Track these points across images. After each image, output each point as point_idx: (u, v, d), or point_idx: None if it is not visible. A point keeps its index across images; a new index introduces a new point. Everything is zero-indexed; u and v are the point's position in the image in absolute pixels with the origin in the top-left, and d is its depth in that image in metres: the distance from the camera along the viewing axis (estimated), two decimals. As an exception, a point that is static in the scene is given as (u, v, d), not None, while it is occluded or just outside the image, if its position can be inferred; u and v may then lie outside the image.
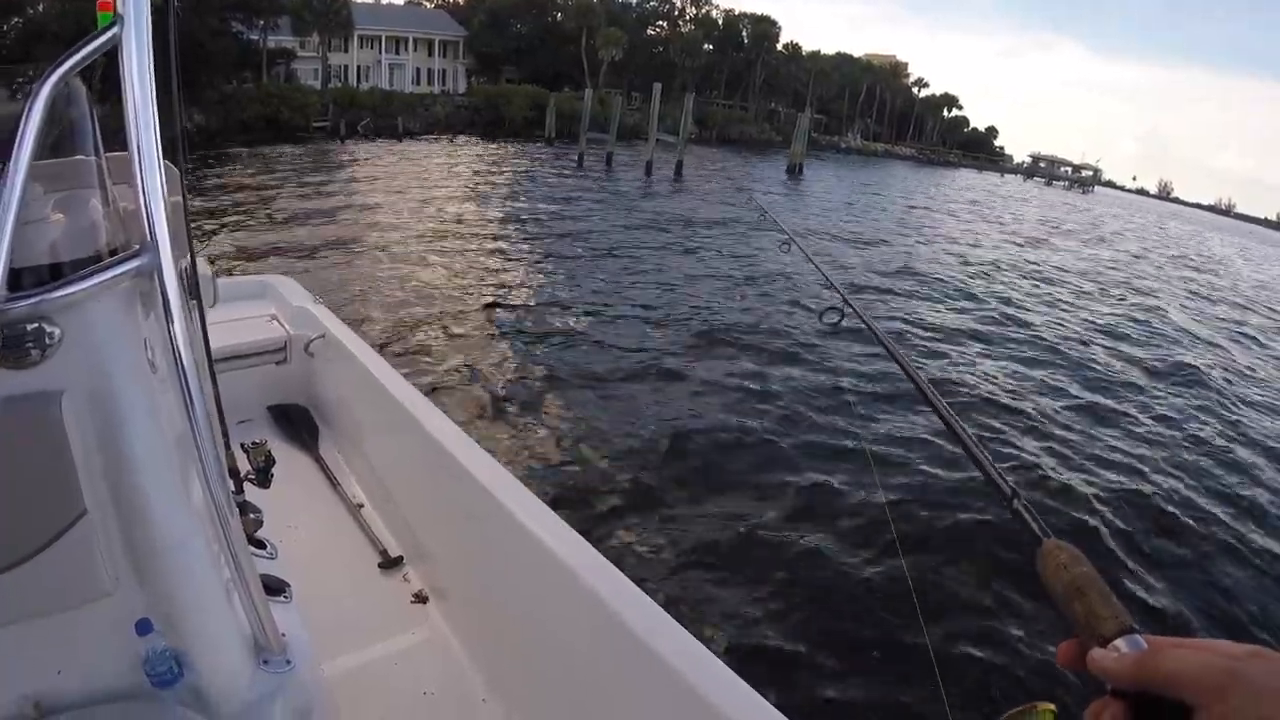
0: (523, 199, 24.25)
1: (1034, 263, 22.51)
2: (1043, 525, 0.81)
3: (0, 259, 1.21)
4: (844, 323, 1.90)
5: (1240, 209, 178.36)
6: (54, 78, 1.26)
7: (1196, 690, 0.58)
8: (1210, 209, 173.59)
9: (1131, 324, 15.47)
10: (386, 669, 2.43)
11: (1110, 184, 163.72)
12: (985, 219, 35.71)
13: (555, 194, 26.17)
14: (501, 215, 20.54)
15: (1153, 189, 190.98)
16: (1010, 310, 14.84)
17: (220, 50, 42.67)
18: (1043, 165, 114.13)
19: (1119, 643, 0.66)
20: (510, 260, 14.67)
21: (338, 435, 3.96)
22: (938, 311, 13.89)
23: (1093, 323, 14.92)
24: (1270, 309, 22.63)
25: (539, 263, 14.70)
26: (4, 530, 1.35)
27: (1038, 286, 18.16)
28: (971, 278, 17.92)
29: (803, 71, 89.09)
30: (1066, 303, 16.50)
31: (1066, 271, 21.96)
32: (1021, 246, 26.30)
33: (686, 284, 13.94)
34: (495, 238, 16.92)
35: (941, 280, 16.90)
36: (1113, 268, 25.10)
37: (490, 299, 11.53)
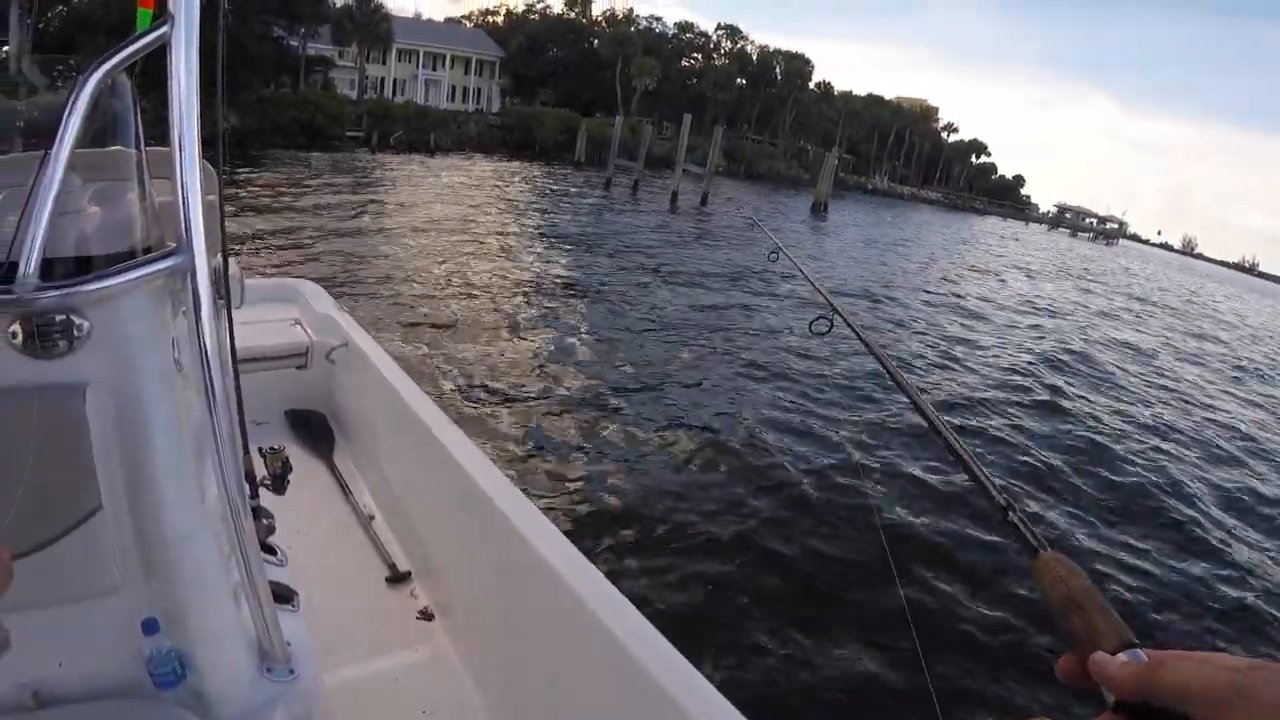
0: (549, 221, 24.39)
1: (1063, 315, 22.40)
2: (1039, 537, 0.80)
3: (35, 248, 1.21)
4: (834, 331, 1.90)
5: (1263, 268, 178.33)
6: (100, 71, 1.26)
7: (1202, 702, 0.56)
8: (1235, 266, 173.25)
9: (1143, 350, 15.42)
10: (387, 685, 2.40)
11: (1135, 237, 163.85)
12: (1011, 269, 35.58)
13: (581, 218, 26.32)
14: (527, 235, 20.66)
15: (1176, 244, 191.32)
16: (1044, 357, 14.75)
17: (260, 54, 43.33)
18: (1068, 216, 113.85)
19: (1121, 656, 0.65)
20: (533, 279, 14.71)
21: (353, 445, 3.94)
22: (956, 356, 13.82)
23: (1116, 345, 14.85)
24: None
25: (560, 283, 14.72)
26: (19, 518, 1.34)
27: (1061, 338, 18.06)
28: (988, 321, 17.82)
29: (833, 111, 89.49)
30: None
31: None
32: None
33: (702, 307, 13.99)
34: (520, 257, 17.01)
35: (958, 324, 16.81)
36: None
37: (511, 316, 11.56)
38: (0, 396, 1.27)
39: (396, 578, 2.93)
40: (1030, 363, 13.63)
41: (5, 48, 34.98)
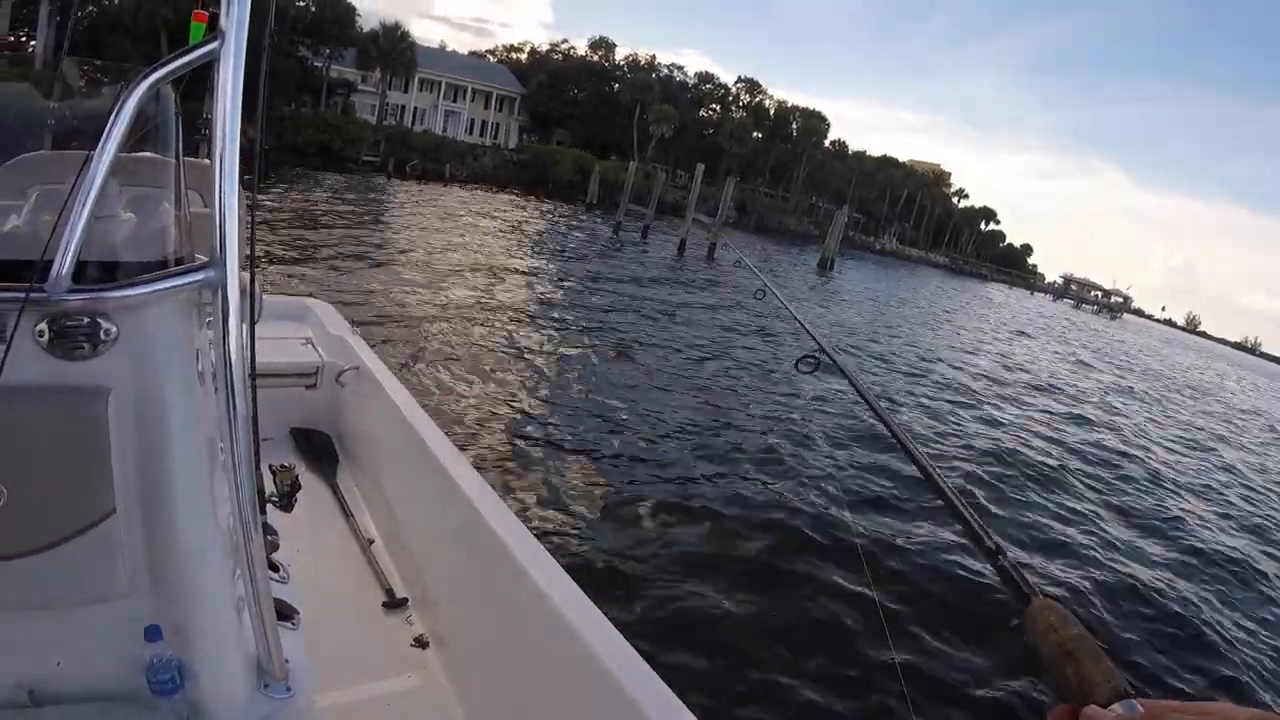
0: (558, 259, 24.58)
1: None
2: (1029, 584, 0.79)
3: (70, 250, 1.23)
4: (820, 370, 1.90)
5: (1265, 348, 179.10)
6: (149, 81, 1.28)
7: None
8: (1237, 346, 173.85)
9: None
10: (378, 710, 2.37)
11: (1139, 312, 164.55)
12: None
13: (589, 260, 26.46)
14: (535, 272, 20.78)
15: (1180, 320, 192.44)
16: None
17: (284, 72, 43.90)
18: (1074, 287, 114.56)
19: (1116, 707, 0.64)
20: (539, 315, 14.77)
21: (357, 468, 3.93)
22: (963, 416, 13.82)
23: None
24: None
25: (565, 321, 14.77)
26: (31, 515, 1.34)
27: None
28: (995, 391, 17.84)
29: (847, 169, 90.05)
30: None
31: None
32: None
33: (700, 355, 13.99)
34: (527, 292, 17.09)
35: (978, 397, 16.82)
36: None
37: (514, 349, 11.59)
38: (24, 394, 1.28)
39: (393, 603, 2.89)
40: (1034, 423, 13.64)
41: (33, 44, 35.54)
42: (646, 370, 12.05)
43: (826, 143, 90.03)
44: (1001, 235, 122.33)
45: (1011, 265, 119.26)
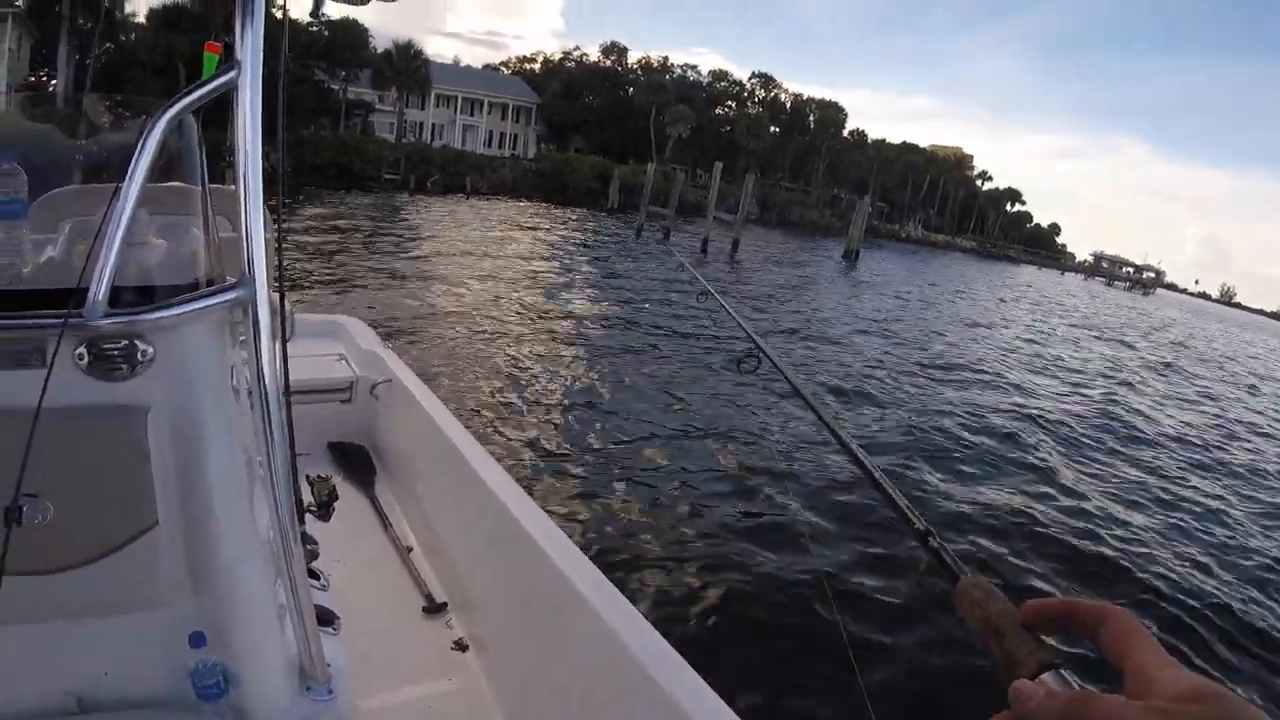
0: (582, 265, 24.68)
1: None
2: (957, 562, 0.79)
3: (105, 276, 1.28)
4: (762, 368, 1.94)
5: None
6: (171, 112, 1.34)
7: None
8: (1274, 315, 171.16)
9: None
10: (420, 713, 2.42)
11: (1172, 286, 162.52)
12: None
13: (613, 262, 26.56)
14: (560, 279, 20.87)
15: (1214, 293, 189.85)
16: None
17: (300, 95, 44.48)
18: (1104, 265, 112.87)
19: (1045, 678, 0.63)
20: (565, 322, 14.84)
21: (393, 478, 4.00)
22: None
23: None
24: None
25: (591, 325, 14.84)
26: (77, 529, 1.40)
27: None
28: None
29: (867, 159, 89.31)
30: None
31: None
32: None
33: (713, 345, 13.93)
34: (553, 300, 17.17)
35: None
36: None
37: (544, 358, 11.66)
38: (67, 415, 1.34)
39: (433, 608, 2.94)
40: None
41: (53, 84, 36.27)
42: (672, 370, 12.08)
43: (845, 133, 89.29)
44: (1028, 216, 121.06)
45: (1040, 246, 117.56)
